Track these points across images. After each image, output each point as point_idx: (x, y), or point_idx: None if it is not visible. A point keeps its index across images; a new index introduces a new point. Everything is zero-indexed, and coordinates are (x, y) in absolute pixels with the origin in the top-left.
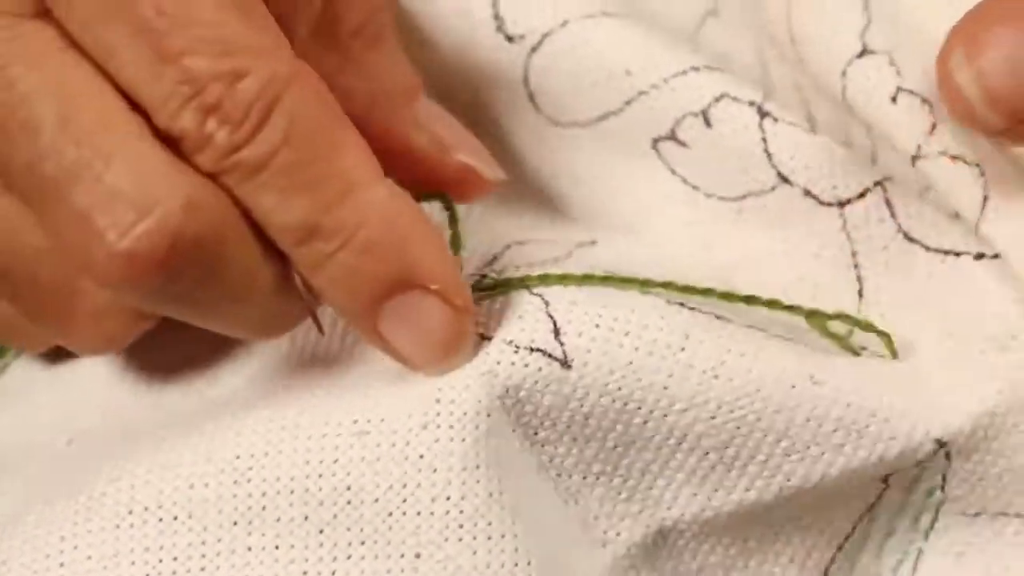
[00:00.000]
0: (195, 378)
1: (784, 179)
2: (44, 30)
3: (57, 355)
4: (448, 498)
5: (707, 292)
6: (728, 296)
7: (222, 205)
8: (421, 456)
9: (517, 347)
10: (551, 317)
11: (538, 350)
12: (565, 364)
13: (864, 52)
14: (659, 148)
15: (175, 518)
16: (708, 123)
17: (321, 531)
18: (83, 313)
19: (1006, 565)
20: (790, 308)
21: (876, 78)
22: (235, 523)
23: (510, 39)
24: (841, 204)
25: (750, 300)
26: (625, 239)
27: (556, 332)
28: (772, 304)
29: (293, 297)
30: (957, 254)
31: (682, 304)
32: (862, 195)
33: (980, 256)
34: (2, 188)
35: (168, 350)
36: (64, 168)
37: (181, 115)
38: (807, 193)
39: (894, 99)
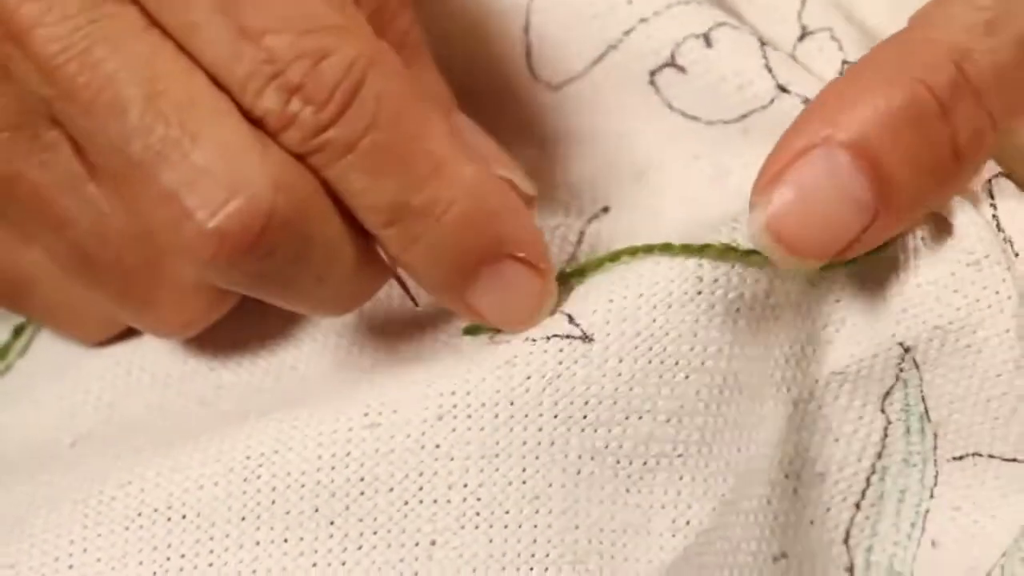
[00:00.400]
0: (200, 380)
1: (783, 89)
2: (125, 11)
3: (58, 355)
4: (465, 485)
5: (703, 249)
6: (726, 252)
7: (308, 184)
8: (438, 445)
9: (534, 339)
10: (564, 313)
11: (555, 336)
12: (586, 338)
13: (804, 35)
14: (656, 82)
15: (183, 517)
16: (709, 43)
17: (332, 523)
18: (166, 296)
19: (992, 515)
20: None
21: (821, 58)
22: (243, 518)
23: None
24: None
25: (750, 254)
26: (637, 193)
27: (570, 319)
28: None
29: (370, 274)
30: None
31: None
32: None
33: None
34: (87, 175)
35: (172, 353)
36: (151, 148)
37: (264, 94)
38: (806, 101)
39: (841, 74)
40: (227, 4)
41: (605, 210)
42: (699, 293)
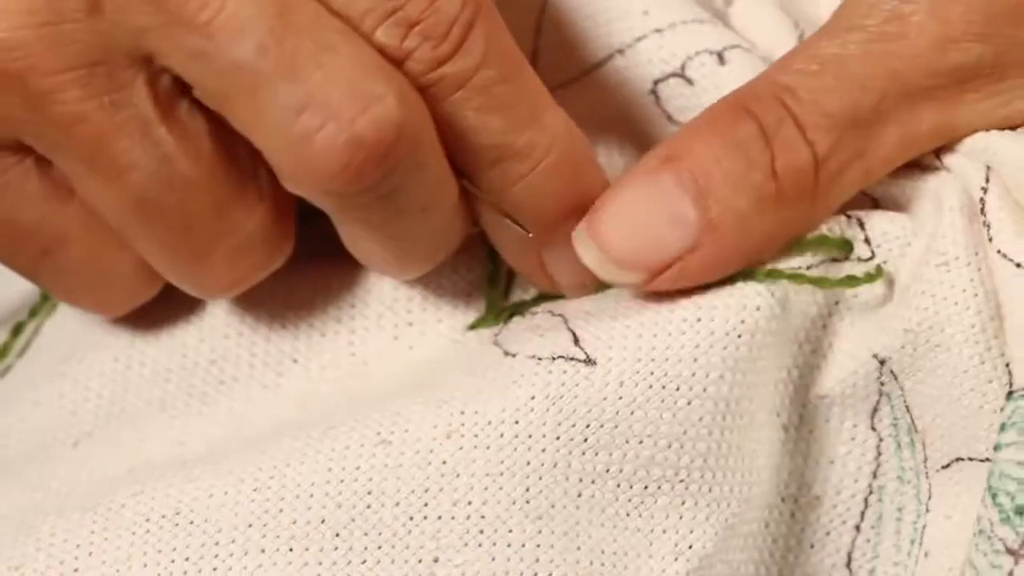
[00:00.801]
0: (200, 374)
1: None
2: None
3: (57, 353)
4: (470, 503)
5: None
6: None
7: (424, 110)
8: (444, 462)
9: (539, 359)
10: (571, 331)
11: (560, 357)
12: (589, 361)
13: None
14: (658, 91)
15: (191, 522)
16: (722, 61)
17: (337, 534)
18: (223, 249)
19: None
20: (795, 277)
21: None
22: (250, 525)
23: None
24: None
25: (747, 275)
26: None
27: (576, 340)
28: (773, 274)
29: (460, 220)
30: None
31: None
32: None
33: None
34: (158, 118)
35: (171, 348)
36: (282, 61)
37: (381, 29)
38: None
39: None
40: None
41: None
42: (699, 320)
